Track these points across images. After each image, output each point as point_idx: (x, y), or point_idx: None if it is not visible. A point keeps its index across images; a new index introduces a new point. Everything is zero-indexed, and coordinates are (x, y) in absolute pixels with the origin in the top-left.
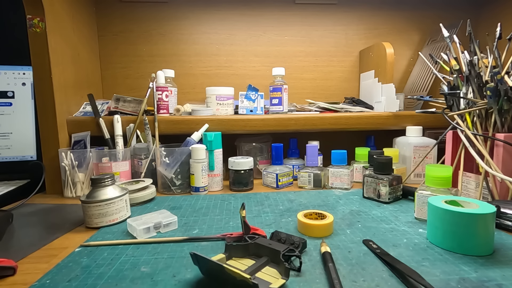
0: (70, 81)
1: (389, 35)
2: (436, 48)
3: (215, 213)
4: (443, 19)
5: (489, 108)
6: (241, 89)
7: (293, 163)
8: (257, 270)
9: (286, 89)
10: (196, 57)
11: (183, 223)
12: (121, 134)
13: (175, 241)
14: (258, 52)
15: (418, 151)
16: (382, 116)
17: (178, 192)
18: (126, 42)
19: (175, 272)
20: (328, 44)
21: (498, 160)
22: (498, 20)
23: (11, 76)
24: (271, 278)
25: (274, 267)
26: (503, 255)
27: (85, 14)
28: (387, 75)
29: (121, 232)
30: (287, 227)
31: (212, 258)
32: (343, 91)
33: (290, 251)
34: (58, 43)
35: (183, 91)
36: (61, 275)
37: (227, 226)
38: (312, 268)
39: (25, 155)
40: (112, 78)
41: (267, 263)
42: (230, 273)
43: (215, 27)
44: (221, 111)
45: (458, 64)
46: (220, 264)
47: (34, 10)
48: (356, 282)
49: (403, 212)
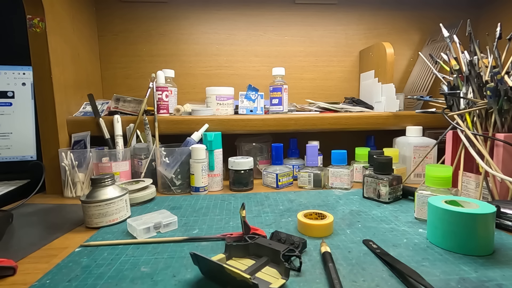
0: (70, 81)
1: (389, 35)
2: (436, 48)
3: (215, 213)
4: (443, 19)
5: (489, 108)
6: (241, 89)
7: (293, 163)
8: (257, 270)
9: (286, 89)
10: (196, 57)
11: (183, 223)
12: (121, 134)
13: (175, 241)
14: (258, 52)
15: (418, 151)
16: (382, 116)
17: (178, 192)
18: (126, 42)
19: (175, 272)
20: (328, 44)
21: (498, 160)
22: (498, 20)
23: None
24: (271, 278)
25: (274, 267)
26: (503, 255)
27: (85, 14)
28: (387, 75)
29: (121, 232)
30: (287, 227)
31: (212, 258)
32: (343, 91)
33: (290, 251)
34: (58, 43)
35: (183, 91)
36: (61, 275)
37: (227, 226)
38: (312, 268)
39: (25, 155)
40: (112, 78)
41: (267, 263)
42: (230, 273)
43: (215, 27)
44: (221, 111)
45: (458, 64)
46: (220, 264)
47: (34, 10)
48: (356, 282)
49: (403, 212)
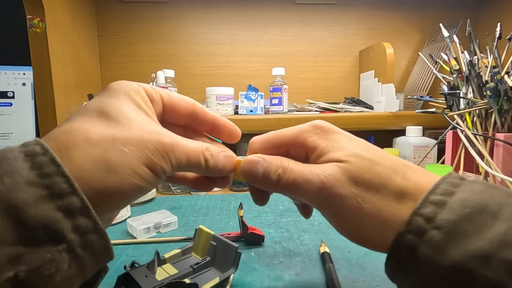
0: (70, 81)
1: (389, 35)
2: (436, 48)
3: (215, 213)
4: (443, 19)
5: (489, 108)
6: (241, 89)
7: None
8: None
9: (286, 89)
10: (196, 57)
11: (183, 223)
12: None
13: (175, 241)
14: (258, 52)
15: (418, 151)
16: (382, 116)
17: (178, 192)
18: (126, 42)
19: None
20: (328, 44)
21: (498, 160)
22: (498, 20)
23: (11, 76)
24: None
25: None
26: None
27: (85, 14)
28: (387, 75)
29: (121, 232)
30: (287, 227)
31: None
32: (343, 91)
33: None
34: (58, 43)
35: (183, 91)
36: None
37: (227, 226)
38: (312, 268)
39: None
40: (112, 78)
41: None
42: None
43: (215, 27)
44: (221, 111)
45: (458, 64)
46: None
47: (34, 10)
48: (356, 282)
49: None
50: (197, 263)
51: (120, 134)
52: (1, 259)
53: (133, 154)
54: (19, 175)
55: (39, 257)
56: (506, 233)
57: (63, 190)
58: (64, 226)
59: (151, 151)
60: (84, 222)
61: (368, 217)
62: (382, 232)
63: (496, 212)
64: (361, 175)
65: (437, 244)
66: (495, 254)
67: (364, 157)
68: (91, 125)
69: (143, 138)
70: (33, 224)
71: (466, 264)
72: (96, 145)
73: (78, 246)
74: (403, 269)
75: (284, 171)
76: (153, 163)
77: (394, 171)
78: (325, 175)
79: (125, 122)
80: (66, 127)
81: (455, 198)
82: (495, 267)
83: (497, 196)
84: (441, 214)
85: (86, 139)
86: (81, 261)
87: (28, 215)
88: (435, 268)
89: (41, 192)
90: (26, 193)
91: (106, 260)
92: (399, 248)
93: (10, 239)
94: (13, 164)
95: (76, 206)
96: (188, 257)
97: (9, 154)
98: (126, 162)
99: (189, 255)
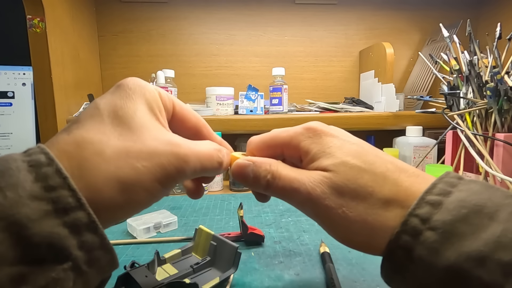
0: (70, 81)
1: (389, 35)
2: (436, 48)
3: (215, 213)
4: (443, 19)
5: (489, 108)
6: (241, 89)
7: None
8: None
9: (286, 89)
10: (196, 57)
11: (183, 223)
12: None
13: (175, 241)
14: (258, 52)
15: (418, 151)
16: (382, 116)
17: (178, 192)
18: (126, 42)
19: None
20: (328, 44)
21: (498, 160)
22: (498, 20)
23: (11, 76)
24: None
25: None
26: None
27: (85, 14)
28: (387, 75)
29: (121, 232)
30: (287, 227)
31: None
32: (343, 91)
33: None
34: (58, 43)
35: (183, 91)
36: None
37: (227, 226)
38: (312, 268)
39: None
40: (112, 78)
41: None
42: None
43: (215, 27)
44: (221, 111)
45: (458, 64)
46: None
47: (34, 10)
48: (356, 282)
49: None
50: (197, 263)
51: (134, 147)
52: (3, 279)
53: (147, 171)
54: (23, 189)
55: (43, 277)
56: (502, 234)
57: (69, 205)
58: (70, 244)
59: (165, 167)
60: (90, 238)
61: (354, 224)
62: (370, 238)
63: (493, 213)
64: (346, 186)
65: (432, 245)
66: (490, 256)
67: (352, 166)
68: (103, 135)
69: (157, 150)
70: (37, 242)
71: (461, 266)
72: (109, 162)
73: (84, 263)
74: (399, 272)
75: (273, 177)
76: (167, 178)
77: (384, 177)
78: (311, 185)
79: (138, 130)
80: (76, 136)
81: (451, 199)
82: (491, 268)
83: (495, 197)
84: (437, 215)
85: (99, 154)
86: (86, 277)
87: (32, 232)
88: (431, 270)
89: (45, 207)
90: (30, 208)
91: (111, 271)
92: (395, 249)
93: (13, 258)
94: (16, 176)
95: (82, 222)
96: (188, 257)
97: (12, 164)
98: (139, 181)
99: (189, 255)
